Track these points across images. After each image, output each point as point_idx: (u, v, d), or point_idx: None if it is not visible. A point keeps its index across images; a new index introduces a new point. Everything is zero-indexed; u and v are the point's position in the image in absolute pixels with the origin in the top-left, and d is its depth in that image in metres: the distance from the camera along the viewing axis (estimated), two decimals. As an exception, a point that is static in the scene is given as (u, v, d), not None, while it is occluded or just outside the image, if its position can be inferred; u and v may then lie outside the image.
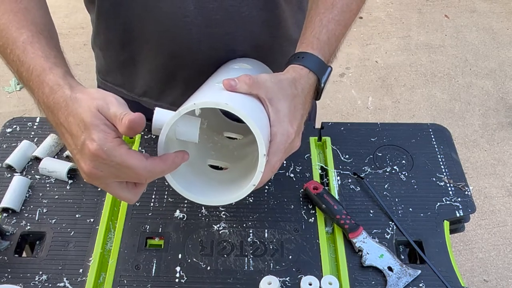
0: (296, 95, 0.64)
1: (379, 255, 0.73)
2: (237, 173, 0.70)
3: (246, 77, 0.61)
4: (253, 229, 0.76)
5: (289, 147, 0.63)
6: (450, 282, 0.71)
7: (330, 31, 0.70)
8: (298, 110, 0.64)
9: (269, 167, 0.60)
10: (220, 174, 0.73)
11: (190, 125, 0.60)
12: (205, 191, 0.65)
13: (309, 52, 0.68)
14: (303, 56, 0.68)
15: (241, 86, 0.61)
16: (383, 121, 1.93)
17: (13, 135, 0.88)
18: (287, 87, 0.63)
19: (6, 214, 0.77)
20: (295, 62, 0.68)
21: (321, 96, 0.71)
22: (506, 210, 1.94)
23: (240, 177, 0.66)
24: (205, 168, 0.72)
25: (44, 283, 0.69)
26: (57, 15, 2.68)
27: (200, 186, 0.65)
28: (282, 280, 0.70)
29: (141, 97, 0.90)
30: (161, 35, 0.77)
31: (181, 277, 0.71)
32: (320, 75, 0.68)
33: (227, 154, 0.76)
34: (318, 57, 0.68)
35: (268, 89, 0.62)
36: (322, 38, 0.70)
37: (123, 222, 0.76)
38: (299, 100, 0.64)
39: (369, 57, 2.57)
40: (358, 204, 0.80)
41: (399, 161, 0.86)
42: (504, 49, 2.61)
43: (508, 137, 2.20)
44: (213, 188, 0.67)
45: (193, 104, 0.57)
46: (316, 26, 0.70)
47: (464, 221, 0.81)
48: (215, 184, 0.69)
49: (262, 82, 0.62)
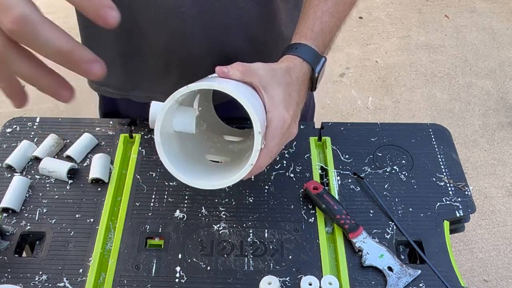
0: (290, 82, 0.65)
1: (379, 255, 0.73)
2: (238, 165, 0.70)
3: (239, 64, 0.62)
4: (253, 229, 0.76)
5: (286, 133, 0.63)
6: (450, 282, 0.71)
7: (324, 23, 0.71)
8: (293, 97, 0.64)
9: (267, 151, 0.61)
10: (220, 165, 0.73)
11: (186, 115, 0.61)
12: (203, 176, 0.65)
13: (302, 42, 0.69)
14: (296, 46, 0.69)
15: (234, 73, 0.62)
16: (383, 121, 1.92)
17: (13, 135, 0.88)
18: (280, 75, 0.64)
19: (6, 214, 0.77)
20: (289, 53, 0.69)
21: (317, 87, 0.72)
22: (506, 210, 1.94)
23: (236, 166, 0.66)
24: (204, 160, 0.73)
25: (44, 283, 0.69)
26: (57, 15, 2.68)
27: (198, 173, 0.65)
28: (282, 280, 0.70)
29: (130, 91, 0.90)
30: (156, 25, 0.78)
31: (181, 277, 0.71)
32: (314, 65, 0.69)
33: (227, 151, 0.76)
34: (311, 47, 0.69)
35: (262, 76, 0.63)
36: (316, 29, 0.71)
37: (123, 222, 0.76)
38: (294, 88, 0.65)
39: (369, 57, 2.57)
40: (358, 204, 0.80)
41: (399, 161, 0.86)
42: (504, 49, 2.61)
43: (508, 137, 2.20)
44: (212, 174, 0.67)
45: (186, 87, 0.57)
46: (310, 18, 0.71)
47: (464, 221, 0.81)
48: (214, 171, 0.69)
49: (255, 69, 0.63)
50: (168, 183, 0.81)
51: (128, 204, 0.78)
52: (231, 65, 0.63)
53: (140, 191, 0.80)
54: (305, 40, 0.70)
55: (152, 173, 0.83)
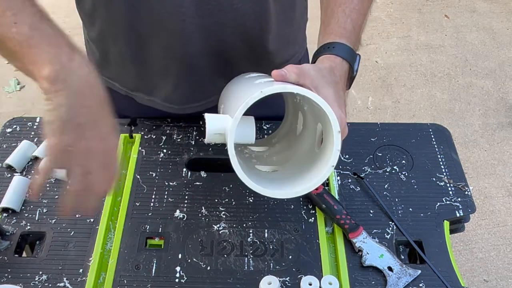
0: (337, 82, 0.66)
1: (379, 255, 0.73)
2: (289, 170, 0.70)
3: (293, 67, 0.62)
4: (253, 229, 0.76)
5: (344, 132, 0.63)
6: (450, 282, 0.71)
7: (353, 21, 0.72)
8: (341, 96, 0.65)
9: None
10: (273, 174, 0.72)
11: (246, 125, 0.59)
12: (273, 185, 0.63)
13: (338, 41, 0.70)
14: (333, 46, 0.70)
15: (290, 76, 0.62)
16: (383, 121, 1.92)
17: (13, 135, 0.88)
18: (327, 76, 0.65)
19: (6, 214, 0.77)
20: (326, 52, 0.69)
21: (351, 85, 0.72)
22: (506, 210, 1.94)
23: (298, 172, 0.66)
24: (257, 171, 0.71)
25: (44, 283, 0.69)
26: (57, 15, 2.68)
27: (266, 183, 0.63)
28: (282, 280, 0.70)
29: (134, 91, 0.90)
30: (156, 25, 0.78)
31: (181, 277, 0.71)
32: (352, 63, 0.70)
33: (268, 160, 0.76)
34: (348, 45, 0.70)
35: (313, 77, 0.63)
36: (348, 27, 0.71)
37: (123, 222, 0.76)
38: (340, 87, 0.66)
39: (369, 57, 2.56)
40: (358, 204, 0.80)
41: (399, 161, 0.86)
42: (504, 49, 2.61)
43: (508, 137, 2.20)
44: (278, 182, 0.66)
45: (260, 92, 0.56)
46: (340, 17, 0.72)
47: (464, 221, 0.81)
48: (279, 180, 0.68)
49: (306, 71, 0.63)
50: (168, 183, 0.81)
51: (128, 204, 0.78)
52: (285, 67, 0.62)
53: (140, 191, 0.80)
54: (340, 39, 0.70)
55: (152, 173, 0.83)
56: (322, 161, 0.62)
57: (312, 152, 0.67)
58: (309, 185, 0.62)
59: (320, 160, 0.63)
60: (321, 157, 0.63)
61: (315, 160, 0.64)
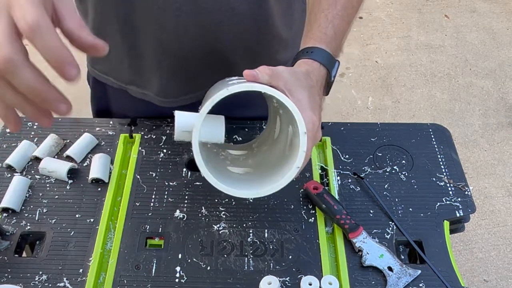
0: (312, 86, 0.65)
1: (379, 255, 0.73)
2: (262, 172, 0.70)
3: (266, 68, 0.62)
4: (253, 229, 0.76)
5: (316, 136, 0.63)
6: (450, 282, 0.71)
7: (336, 26, 0.71)
8: (316, 100, 0.64)
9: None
10: (245, 175, 0.72)
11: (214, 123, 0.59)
12: (241, 185, 0.64)
13: (317, 46, 0.69)
14: (312, 50, 0.69)
15: (262, 77, 0.61)
16: (383, 121, 1.92)
17: (13, 135, 0.88)
18: (302, 79, 0.64)
19: (6, 214, 0.77)
20: (304, 57, 0.69)
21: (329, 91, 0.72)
22: (506, 210, 1.94)
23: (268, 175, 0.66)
24: (229, 173, 0.72)
25: (44, 283, 0.69)
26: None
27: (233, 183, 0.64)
28: (282, 280, 0.70)
29: (128, 85, 0.91)
30: (150, 20, 0.78)
31: (181, 277, 0.71)
32: (330, 69, 0.69)
33: (243, 163, 0.76)
34: (326, 51, 0.69)
35: (287, 80, 0.62)
36: (329, 33, 0.71)
37: (123, 222, 0.76)
38: (316, 91, 0.65)
39: (369, 57, 2.57)
40: (358, 204, 0.80)
41: (399, 161, 0.86)
42: (504, 49, 2.62)
43: (508, 137, 2.20)
44: (247, 183, 0.67)
45: (226, 89, 0.55)
46: (322, 22, 0.71)
47: (464, 221, 0.81)
48: (247, 181, 0.69)
49: (280, 73, 0.63)
50: (168, 183, 0.81)
51: (128, 204, 0.78)
52: (258, 68, 0.62)
53: (140, 191, 0.80)
54: (319, 44, 0.70)
55: (152, 173, 0.83)
56: (289, 162, 0.62)
57: (284, 154, 0.68)
58: (274, 185, 0.62)
59: (288, 162, 0.63)
60: (290, 159, 0.63)
61: (285, 162, 0.64)
